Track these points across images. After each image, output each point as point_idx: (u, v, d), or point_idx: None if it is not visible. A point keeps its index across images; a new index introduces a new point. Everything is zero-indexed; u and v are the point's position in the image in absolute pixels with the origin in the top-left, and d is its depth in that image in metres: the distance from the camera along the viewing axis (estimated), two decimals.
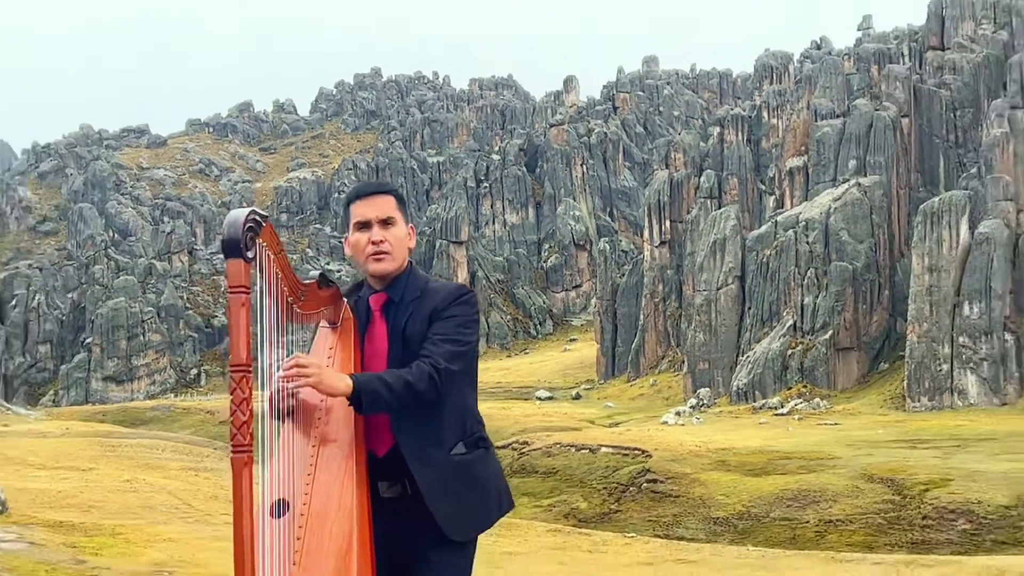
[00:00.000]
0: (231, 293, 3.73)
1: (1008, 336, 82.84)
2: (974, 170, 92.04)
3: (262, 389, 4.17)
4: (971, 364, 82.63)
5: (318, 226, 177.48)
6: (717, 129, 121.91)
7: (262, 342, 4.08)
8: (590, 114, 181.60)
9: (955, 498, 51.76)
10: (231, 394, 3.70)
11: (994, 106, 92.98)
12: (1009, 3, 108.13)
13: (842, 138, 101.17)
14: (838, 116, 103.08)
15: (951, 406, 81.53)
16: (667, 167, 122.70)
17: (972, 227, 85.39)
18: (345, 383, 4.17)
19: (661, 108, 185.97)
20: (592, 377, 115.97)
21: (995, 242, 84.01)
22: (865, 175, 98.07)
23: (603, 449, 65.57)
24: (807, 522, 52.20)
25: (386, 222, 4.63)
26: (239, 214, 3.78)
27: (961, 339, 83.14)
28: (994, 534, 48.72)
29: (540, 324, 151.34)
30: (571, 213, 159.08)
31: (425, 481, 4.45)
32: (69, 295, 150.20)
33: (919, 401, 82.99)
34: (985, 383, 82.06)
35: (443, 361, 4.38)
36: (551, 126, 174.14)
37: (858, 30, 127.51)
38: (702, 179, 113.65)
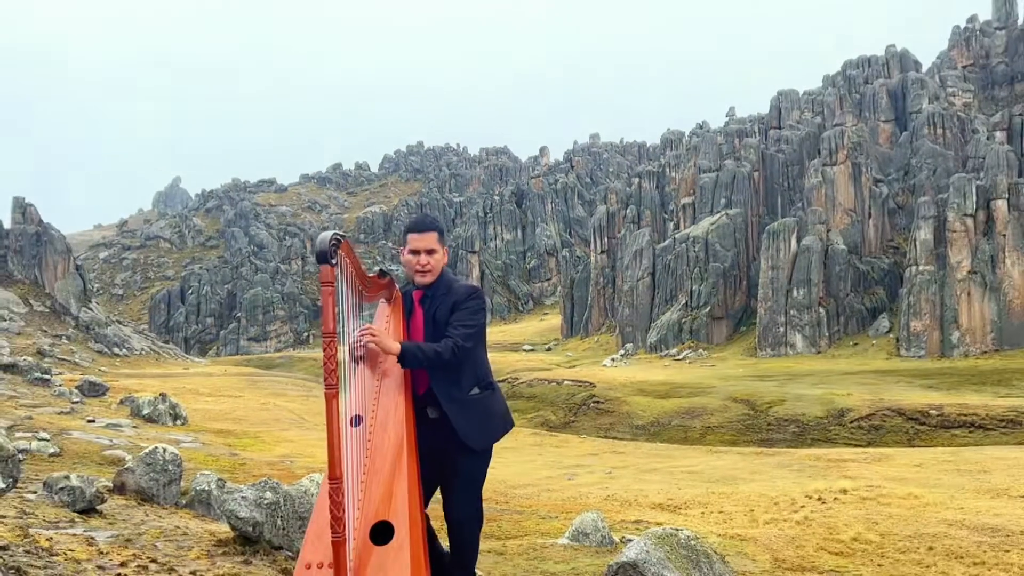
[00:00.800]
0: (323, 286, 3.77)
1: (821, 310, 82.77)
2: (800, 205, 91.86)
3: (343, 345, 4.22)
4: (798, 327, 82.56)
5: (384, 242, 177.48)
6: (637, 179, 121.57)
7: (343, 315, 4.12)
8: (557, 170, 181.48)
9: (788, 412, 51.72)
10: (324, 352, 3.75)
11: (812, 164, 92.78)
12: (822, 99, 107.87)
13: (716, 185, 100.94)
14: (714, 171, 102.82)
15: (785, 354, 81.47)
16: (605, 204, 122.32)
17: (799, 241, 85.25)
18: (396, 346, 4.28)
19: (602, 166, 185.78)
20: (558, 337, 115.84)
21: (812, 250, 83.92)
22: (731, 208, 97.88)
23: (565, 382, 65.50)
24: (695, 428, 52.15)
25: (430, 251, 4.66)
26: (326, 235, 3.84)
27: (792, 311, 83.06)
28: (813, 434, 48.72)
29: (525, 304, 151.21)
30: (545, 233, 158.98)
31: (451, 411, 4.53)
32: (226, 286, 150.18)
33: (765, 351, 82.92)
34: (807, 339, 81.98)
35: (461, 340, 4.46)
36: (532, 178, 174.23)
37: (726, 116, 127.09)
38: (628, 211, 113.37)
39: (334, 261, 3.82)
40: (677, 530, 6.74)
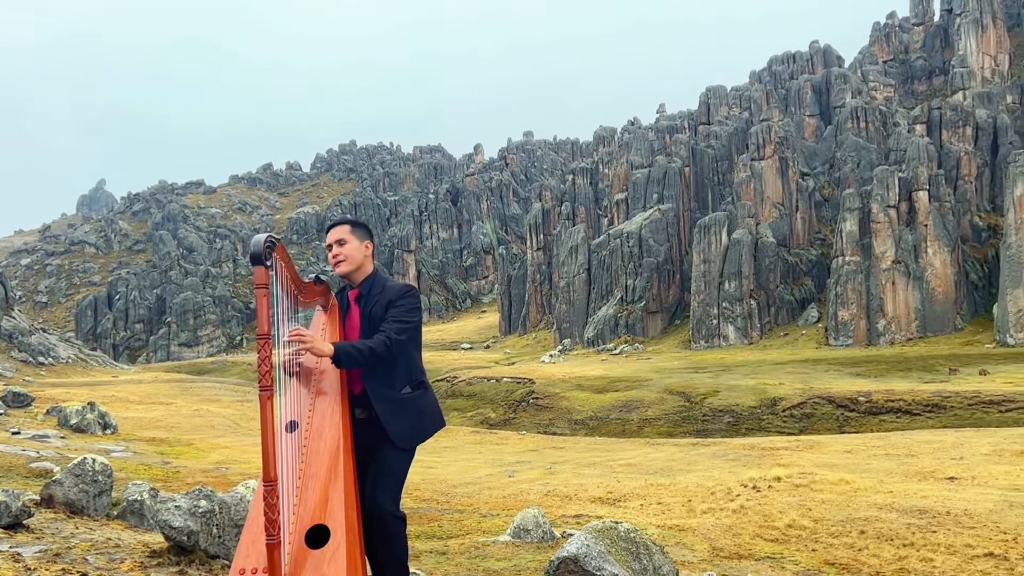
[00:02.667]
0: (256, 289, 3.76)
1: (752, 301, 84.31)
2: (729, 199, 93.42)
3: (278, 348, 4.17)
4: (730, 319, 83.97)
5: (317, 243, 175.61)
6: (571, 176, 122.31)
7: (278, 318, 4.07)
8: (491, 167, 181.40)
9: (723, 402, 52.55)
10: (258, 353, 3.72)
11: (741, 159, 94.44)
12: (749, 95, 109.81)
13: (648, 181, 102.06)
14: (645, 167, 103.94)
15: (719, 346, 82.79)
16: (540, 201, 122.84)
17: (729, 234, 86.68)
18: (329, 348, 4.25)
19: (536, 163, 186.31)
20: (496, 334, 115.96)
21: (743, 243, 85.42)
22: (663, 203, 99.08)
23: (504, 379, 65.58)
24: (632, 420, 52.64)
25: (340, 242, 4.69)
26: (261, 237, 3.83)
27: (724, 304, 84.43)
28: (747, 424, 49.55)
29: (462, 302, 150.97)
30: (481, 231, 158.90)
31: (381, 410, 4.51)
32: (154, 290, 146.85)
33: (699, 343, 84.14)
34: (739, 331, 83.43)
35: (394, 335, 4.45)
36: (467, 175, 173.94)
37: (656, 112, 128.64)
38: (562, 208, 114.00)
39: (268, 263, 3.81)
40: (617, 523, 6.80)
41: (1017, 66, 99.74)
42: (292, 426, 4.22)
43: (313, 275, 4.70)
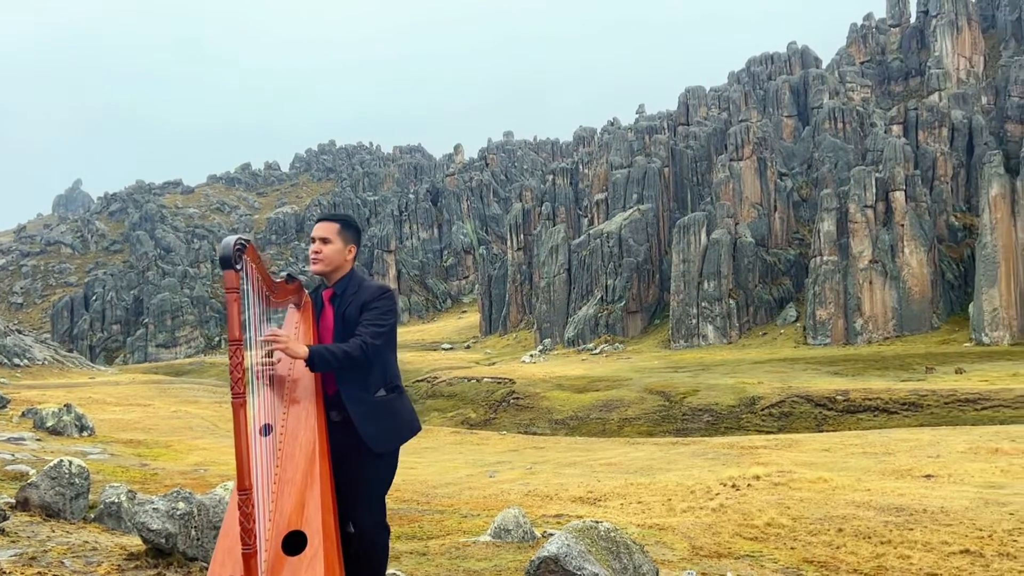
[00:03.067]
0: (227, 293, 3.71)
1: (731, 301, 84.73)
2: (708, 199, 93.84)
3: (251, 350, 4.13)
4: (709, 318, 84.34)
5: (296, 243, 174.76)
6: (551, 176, 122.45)
7: (250, 320, 4.03)
8: (472, 167, 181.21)
9: (702, 401, 52.78)
10: (230, 360, 3.67)
11: (720, 159, 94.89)
12: (728, 96, 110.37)
13: (628, 181, 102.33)
14: (625, 167, 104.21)
15: (698, 345, 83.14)
16: (521, 201, 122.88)
17: (708, 234, 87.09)
18: (304, 350, 4.17)
19: (516, 163, 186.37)
20: (477, 334, 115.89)
21: (722, 243, 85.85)
22: (643, 203, 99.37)
23: (484, 379, 65.58)
24: (612, 420, 52.77)
25: (324, 240, 4.60)
26: (230, 240, 3.76)
27: (703, 303, 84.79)
28: (726, 423, 49.78)
29: (443, 302, 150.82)
30: (461, 231, 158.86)
31: (356, 413, 4.44)
32: (132, 291, 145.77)
33: (678, 343, 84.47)
34: (718, 330, 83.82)
35: (370, 339, 4.38)
36: (447, 175, 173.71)
37: (636, 113, 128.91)
38: (543, 208, 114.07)
39: (239, 266, 3.74)
40: (597, 522, 6.82)
41: (992, 67, 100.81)
42: (266, 429, 4.15)
43: (285, 273, 4.65)
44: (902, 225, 78.52)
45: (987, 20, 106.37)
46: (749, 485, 16.40)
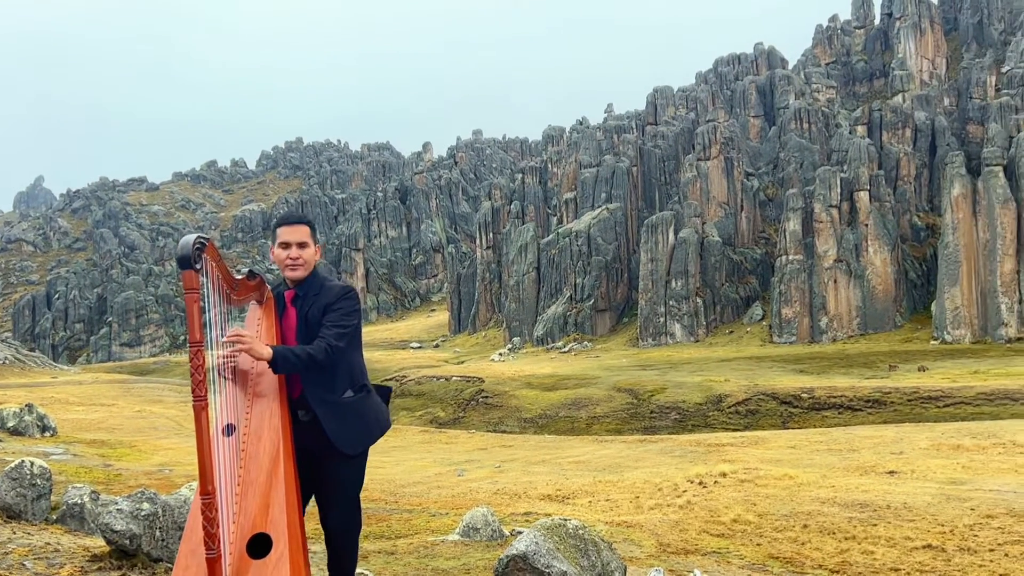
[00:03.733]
0: (187, 293, 3.61)
1: (698, 299, 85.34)
2: (676, 199, 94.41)
3: (212, 349, 4.07)
4: (677, 317, 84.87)
5: (263, 241, 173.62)
6: (520, 175, 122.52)
7: (211, 320, 3.97)
8: (441, 166, 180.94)
9: (669, 399, 53.09)
10: (190, 362, 3.58)
11: (687, 159, 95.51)
12: (695, 96, 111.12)
13: (596, 180, 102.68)
14: (594, 166, 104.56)
15: (665, 343, 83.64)
16: (490, 199, 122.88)
17: (676, 233, 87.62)
18: (267, 351, 4.09)
19: (485, 162, 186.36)
20: (446, 333, 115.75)
21: (689, 242, 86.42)
22: (611, 203, 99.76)
23: (454, 378, 65.50)
24: (581, 418, 52.93)
25: (301, 244, 4.53)
26: (189, 238, 3.66)
27: (671, 302, 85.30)
28: (694, 420, 50.12)
29: (412, 300, 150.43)
30: (430, 229, 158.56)
31: (323, 414, 4.38)
32: (95, 290, 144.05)
33: (647, 341, 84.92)
34: (686, 328, 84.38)
35: (334, 340, 4.32)
36: (416, 174, 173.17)
37: (604, 112, 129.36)
38: (512, 207, 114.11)
39: (198, 266, 3.65)
40: (565, 520, 6.83)
41: (954, 69, 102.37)
42: (229, 429, 4.08)
43: (245, 270, 4.58)
44: (866, 225, 79.51)
45: (949, 23, 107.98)
46: (716, 482, 16.53)
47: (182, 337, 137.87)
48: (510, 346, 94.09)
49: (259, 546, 3.77)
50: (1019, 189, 71.63)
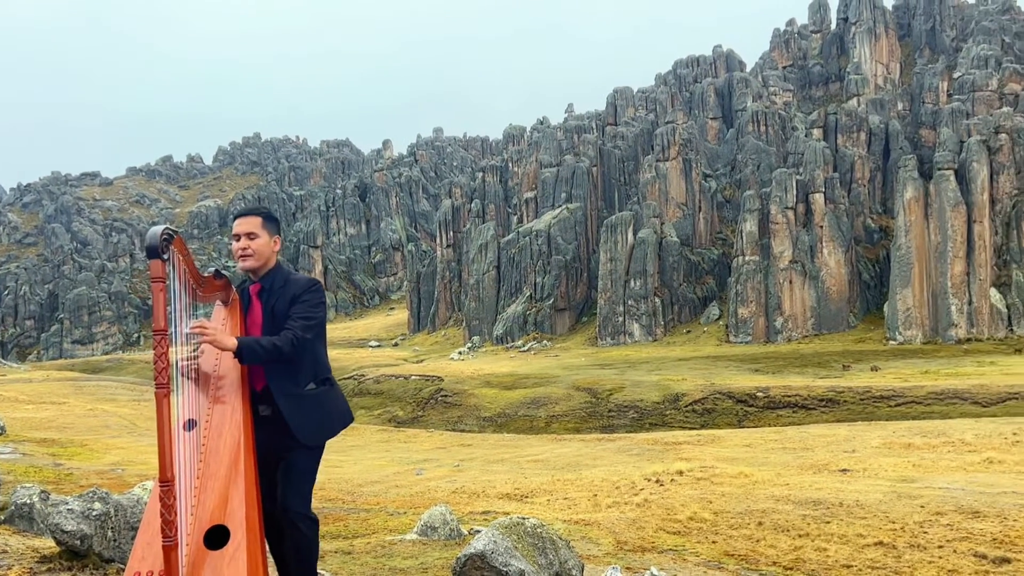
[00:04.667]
0: (153, 283, 3.65)
1: (656, 299, 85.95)
2: (636, 199, 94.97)
3: (176, 345, 4.05)
4: (635, 316, 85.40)
5: (219, 237, 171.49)
6: (481, 174, 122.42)
7: (175, 314, 3.95)
8: (401, 163, 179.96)
9: (627, 398, 53.42)
10: (154, 350, 3.61)
11: (646, 160, 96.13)
12: (655, 97, 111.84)
13: (557, 179, 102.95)
14: (554, 166, 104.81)
15: (624, 343, 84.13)
16: (450, 198, 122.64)
17: (635, 233, 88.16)
18: (232, 341, 4.14)
19: (446, 160, 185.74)
20: (405, 332, 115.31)
21: (648, 243, 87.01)
22: (572, 202, 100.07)
23: (412, 376, 65.32)
24: (540, 417, 53.06)
25: (251, 235, 4.54)
26: (157, 229, 3.70)
27: (629, 301, 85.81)
28: (651, 419, 50.46)
29: (371, 299, 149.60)
30: (390, 227, 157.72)
31: (286, 406, 4.40)
32: (46, 286, 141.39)
33: (606, 340, 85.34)
34: (644, 328, 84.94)
35: (300, 332, 4.36)
36: (375, 171, 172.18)
37: (565, 112, 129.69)
38: (472, 205, 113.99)
39: (165, 256, 3.69)
40: (523, 519, 6.84)
41: (907, 74, 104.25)
42: (190, 424, 4.10)
43: (213, 269, 4.57)
44: (821, 226, 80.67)
45: (903, 28, 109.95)
46: (673, 480, 16.66)
47: (136, 335, 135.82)
48: (469, 345, 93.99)
49: (217, 538, 3.77)
50: (969, 193, 73.16)
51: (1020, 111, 79.63)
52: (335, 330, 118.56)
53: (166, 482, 3.56)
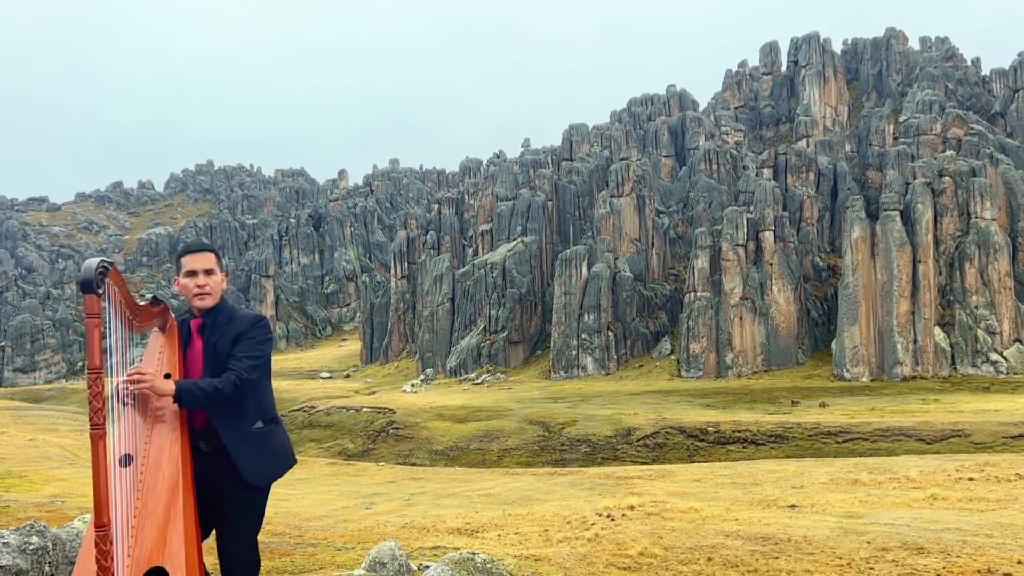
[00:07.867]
0: (87, 319, 3.54)
1: (609, 333, 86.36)
2: (590, 234, 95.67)
3: (112, 376, 3.96)
4: (589, 350, 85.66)
5: (168, 265, 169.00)
6: (436, 206, 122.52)
7: (112, 346, 3.86)
8: (356, 194, 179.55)
9: (580, 432, 53.38)
10: (89, 389, 3.50)
11: (601, 195, 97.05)
12: (610, 134, 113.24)
13: (512, 213, 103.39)
14: (510, 199, 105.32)
15: (577, 376, 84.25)
16: (405, 229, 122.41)
17: (589, 268, 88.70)
18: (170, 387, 4.03)
19: (401, 191, 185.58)
20: (357, 363, 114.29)
21: (602, 277, 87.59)
22: (527, 235, 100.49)
23: (364, 408, 64.63)
24: (492, 450, 52.76)
25: (208, 272, 4.45)
26: (92, 262, 3.61)
27: (583, 335, 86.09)
28: (603, 453, 50.45)
29: (323, 329, 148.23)
30: (344, 257, 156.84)
31: (232, 446, 4.29)
32: None
33: (559, 374, 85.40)
34: (597, 362, 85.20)
35: (245, 373, 4.25)
36: (330, 201, 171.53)
37: (521, 147, 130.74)
38: (428, 237, 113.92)
39: (100, 291, 3.59)
40: (473, 554, 6.78)
41: (855, 117, 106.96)
42: (127, 460, 3.98)
43: (149, 296, 4.47)
44: (771, 264, 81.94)
45: (851, 72, 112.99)
46: (624, 515, 16.65)
47: (80, 363, 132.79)
48: (423, 377, 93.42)
49: None
50: (915, 233, 74.93)
51: (963, 155, 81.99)
52: (286, 361, 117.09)
53: (102, 527, 3.46)
